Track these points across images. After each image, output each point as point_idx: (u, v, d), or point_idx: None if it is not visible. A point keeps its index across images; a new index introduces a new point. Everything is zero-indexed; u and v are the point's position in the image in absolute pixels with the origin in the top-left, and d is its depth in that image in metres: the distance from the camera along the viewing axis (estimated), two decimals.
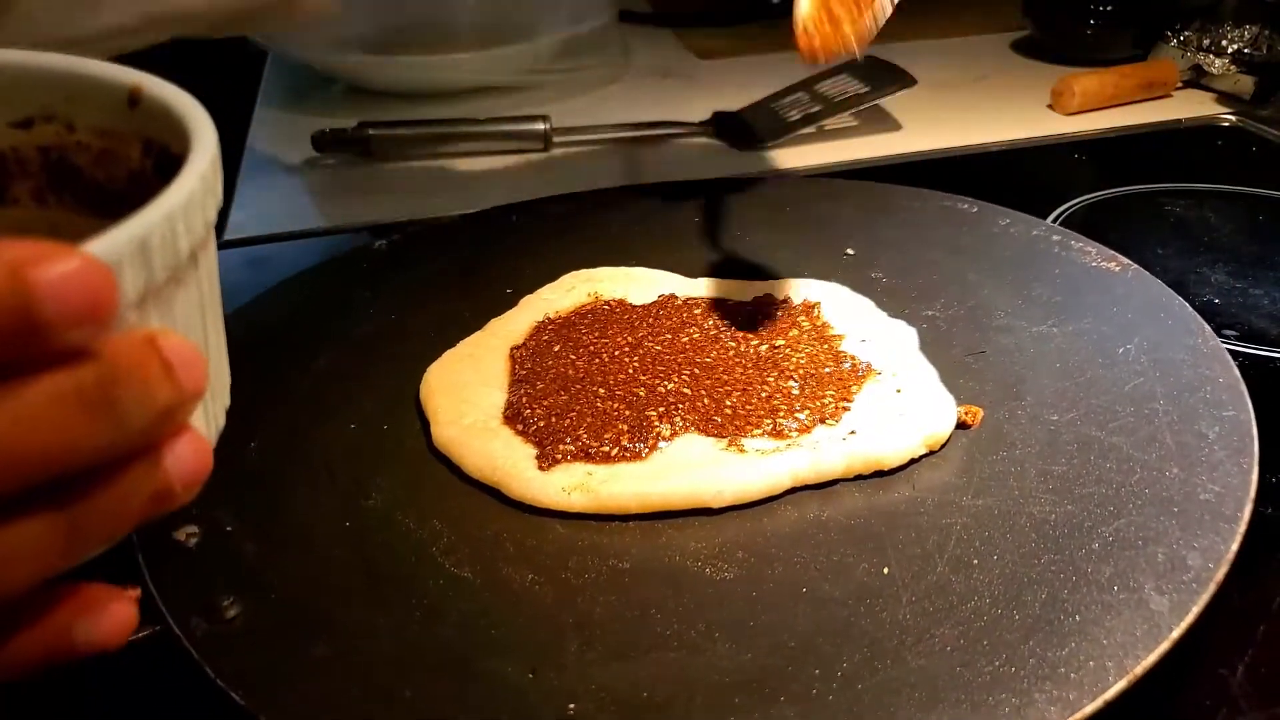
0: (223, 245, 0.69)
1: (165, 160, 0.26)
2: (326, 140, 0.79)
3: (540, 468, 0.41)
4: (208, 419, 0.26)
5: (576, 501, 0.40)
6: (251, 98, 0.96)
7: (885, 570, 0.36)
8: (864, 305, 0.51)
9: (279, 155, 0.84)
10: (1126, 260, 0.53)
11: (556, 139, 0.81)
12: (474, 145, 0.81)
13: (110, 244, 0.20)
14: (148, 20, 0.51)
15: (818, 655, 0.33)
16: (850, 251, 0.58)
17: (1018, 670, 0.31)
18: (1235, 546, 0.35)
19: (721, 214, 0.63)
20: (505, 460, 0.42)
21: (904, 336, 0.49)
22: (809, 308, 0.51)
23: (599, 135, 0.83)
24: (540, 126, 0.81)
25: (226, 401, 0.27)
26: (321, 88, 0.96)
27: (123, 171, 0.27)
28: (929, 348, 0.48)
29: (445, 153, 0.80)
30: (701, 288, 0.54)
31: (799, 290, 0.52)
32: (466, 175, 0.78)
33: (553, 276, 0.55)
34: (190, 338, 0.23)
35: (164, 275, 0.22)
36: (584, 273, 0.55)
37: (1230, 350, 0.46)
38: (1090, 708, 0.30)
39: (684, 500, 0.40)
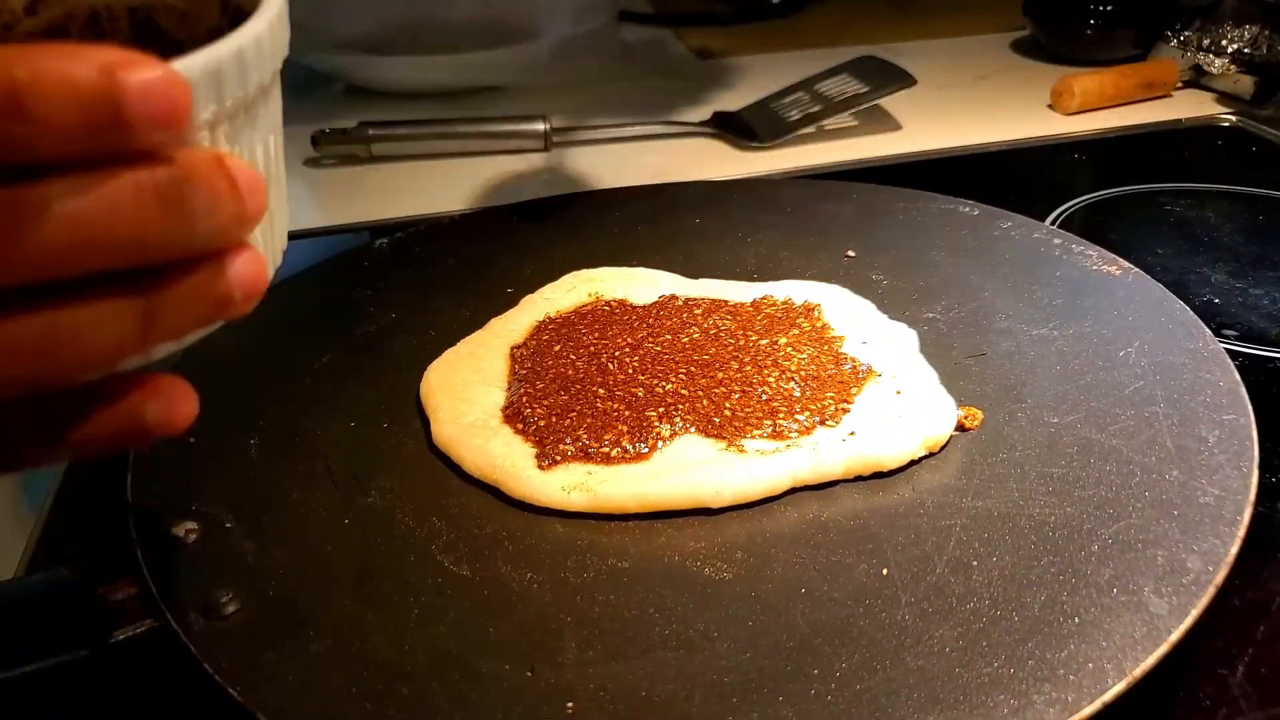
0: None
1: (239, 19, 0.28)
2: (326, 140, 0.79)
3: (540, 467, 0.41)
4: (267, 248, 0.28)
5: (576, 501, 0.40)
6: None
7: (884, 571, 0.36)
8: (864, 307, 0.51)
9: None
10: (1127, 264, 0.53)
11: (556, 139, 0.81)
12: (474, 145, 0.81)
13: (187, 65, 0.23)
14: None
15: (816, 656, 0.33)
16: (851, 253, 0.58)
17: (1016, 672, 0.31)
18: (1235, 550, 0.35)
19: (722, 214, 0.63)
20: (505, 459, 0.41)
21: (904, 338, 0.49)
22: (809, 309, 0.51)
23: (599, 135, 0.83)
24: (540, 126, 0.81)
25: (284, 244, 0.30)
26: (321, 88, 0.96)
27: (202, 30, 0.30)
28: (929, 350, 0.48)
29: (445, 153, 0.80)
30: (702, 288, 0.54)
31: (799, 291, 0.52)
32: (466, 175, 0.78)
33: (553, 276, 0.55)
34: (254, 167, 0.25)
35: (232, 104, 0.24)
36: (584, 273, 0.55)
37: (1230, 350, 0.46)
38: (1089, 709, 0.30)
39: (683, 500, 0.40)
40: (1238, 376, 0.43)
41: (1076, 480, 0.39)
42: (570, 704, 0.31)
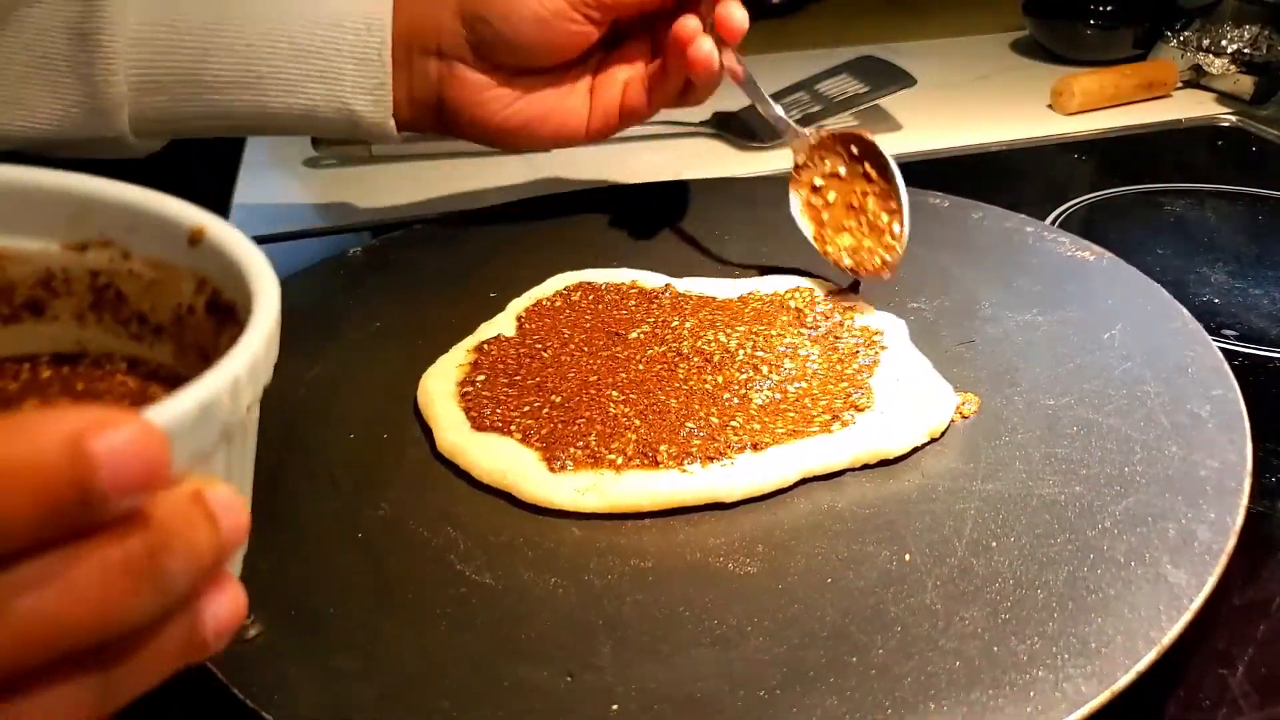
0: None
1: (216, 303, 0.26)
2: (327, 140, 0.78)
3: (551, 470, 0.41)
4: (237, 556, 0.25)
5: (590, 501, 0.40)
6: None
7: (906, 557, 0.37)
8: (853, 300, 0.52)
9: (279, 155, 0.82)
10: (1100, 249, 0.54)
11: None
12: (474, 145, 0.80)
13: (173, 411, 0.20)
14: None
15: (852, 644, 0.33)
16: None
17: (1049, 647, 0.32)
18: (1241, 518, 0.36)
19: (718, 214, 0.63)
20: (516, 462, 0.41)
21: (894, 328, 0.49)
22: (803, 305, 0.51)
23: None
24: None
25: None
26: None
27: (169, 303, 0.28)
28: (918, 339, 0.49)
29: (445, 153, 0.79)
30: (695, 286, 0.54)
31: (786, 286, 0.53)
32: (466, 175, 0.77)
33: (546, 276, 0.55)
34: (233, 482, 0.23)
35: (219, 435, 0.22)
36: (570, 275, 0.55)
37: (1229, 350, 0.47)
38: (1124, 680, 0.31)
39: (697, 497, 0.40)
40: (1219, 353, 0.45)
41: (1080, 459, 0.40)
42: (614, 705, 0.31)
